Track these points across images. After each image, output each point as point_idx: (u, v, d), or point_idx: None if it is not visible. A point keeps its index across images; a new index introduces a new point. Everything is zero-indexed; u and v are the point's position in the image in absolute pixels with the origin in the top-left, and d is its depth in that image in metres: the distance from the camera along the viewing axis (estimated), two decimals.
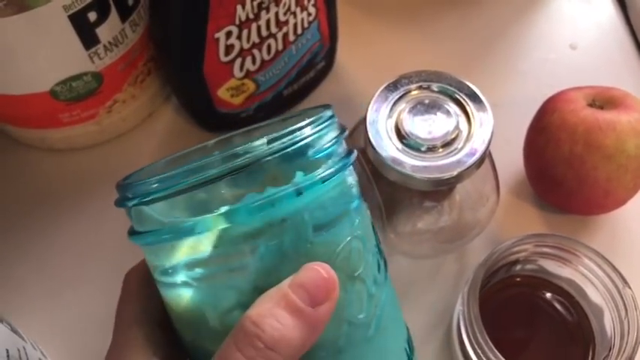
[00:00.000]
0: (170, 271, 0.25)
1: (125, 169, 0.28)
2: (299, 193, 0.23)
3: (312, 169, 0.24)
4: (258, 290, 0.23)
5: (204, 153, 0.30)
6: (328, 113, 0.26)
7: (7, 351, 0.31)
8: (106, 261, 0.44)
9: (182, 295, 0.25)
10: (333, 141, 0.26)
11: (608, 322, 0.36)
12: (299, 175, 0.24)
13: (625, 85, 0.43)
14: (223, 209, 0.23)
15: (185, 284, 0.25)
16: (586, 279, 0.37)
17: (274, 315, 0.22)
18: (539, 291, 0.40)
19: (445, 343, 0.40)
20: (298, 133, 0.24)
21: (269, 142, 0.23)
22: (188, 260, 0.24)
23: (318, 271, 0.23)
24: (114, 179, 0.27)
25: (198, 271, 0.24)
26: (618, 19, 0.55)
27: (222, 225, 0.23)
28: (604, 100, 0.41)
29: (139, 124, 0.50)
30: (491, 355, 0.33)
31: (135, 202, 0.24)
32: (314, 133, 0.24)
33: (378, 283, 0.26)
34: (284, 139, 0.23)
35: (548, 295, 0.39)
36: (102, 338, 0.28)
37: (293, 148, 0.24)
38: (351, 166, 0.27)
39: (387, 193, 0.37)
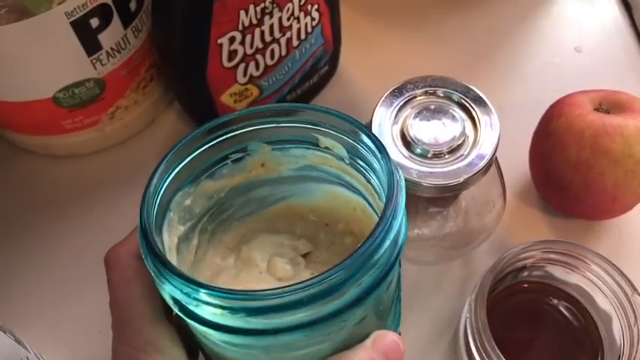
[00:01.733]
0: (241, 346, 0.25)
1: (128, 176, 0.28)
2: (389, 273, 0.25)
3: None
4: (335, 352, 0.26)
5: (204, 139, 0.29)
6: (399, 179, 0.26)
7: None
8: None
9: (242, 352, 0.26)
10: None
11: (617, 329, 0.36)
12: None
13: (630, 87, 0.43)
14: (326, 310, 0.23)
15: (257, 356, 0.26)
16: (594, 285, 0.37)
17: None
18: (546, 297, 0.39)
19: (452, 350, 0.40)
20: (396, 228, 0.25)
21: (376, 249, 0.23)
22: (271, 345, 0.25)
23: (397, 343, 0.27)
24: (117, 186, 0.27)
25: (280, 350, 0.25)
26: (623, 21, 0.55)
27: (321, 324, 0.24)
28: (610, 104, 0.40)
29: (141, 130, 0.49)
30: None
31: (242, 315, 0.22)
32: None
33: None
34: (388, 240, 0.24)
35: (556, 301, 0.39)
36: (106, 347, 0.28)
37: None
38: None
39: None
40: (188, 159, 0.28)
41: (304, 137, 0.29)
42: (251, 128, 0.29)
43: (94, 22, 0.39)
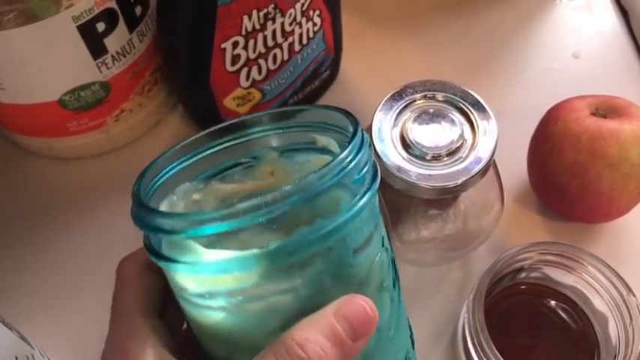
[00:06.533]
0: (207, 295, 0.24)
1: (132, 178, 0.28)
2: (346, 223, 0.23)
3: (347, 193, 0.24)
4: (303, 313, 0.24)
5: (215, 138, 0.30)
6: (361, 134, 0.25)
7: (16, 358, 0.31)
8: (113, 269, 0.44)
9: (219, 316, 0.25)
10: (370, 163, 0.25)
11: (613, 329, 0.36)
12: (344, 205, 0.24)
13: (627, 93, 0.43)
14: (274, 244, 0.22)
15: (224, 308, 0.24)
16: (590, 287, 0.37)
17: (319, 343, 0.23)
18: (543, 299, 0.40)
19: (450, 351, 0.40)
20: (345, 163, 0.23)
21: (320, 178, 0.23)
22: (231, 289, 0.24)
23: (363, 307, 0.24)
24: (121, 188, 0.28)
25: (241, 298, 0.24)
26: (620, 28, 0.55)
27: (274, 261, 0.23)
28: (607, 109, 0.41)
29: (145, 133, 0.50)
30: None
31: (183, 235, 0.23)
32: (358, 161, 0.24)
33: (395, 287, 0.27)
34: (334, 173, 0.23)
35: (553, 302, 0.40)
36: None
37: (341, 179, 0.23)
38: None
39: (392, 201, 0.37)
40: (195, 157, 0.28)
41: (304, 140, 0.29)
42: (257, 135, 0.29)
43: (100, 27, 0.40)
